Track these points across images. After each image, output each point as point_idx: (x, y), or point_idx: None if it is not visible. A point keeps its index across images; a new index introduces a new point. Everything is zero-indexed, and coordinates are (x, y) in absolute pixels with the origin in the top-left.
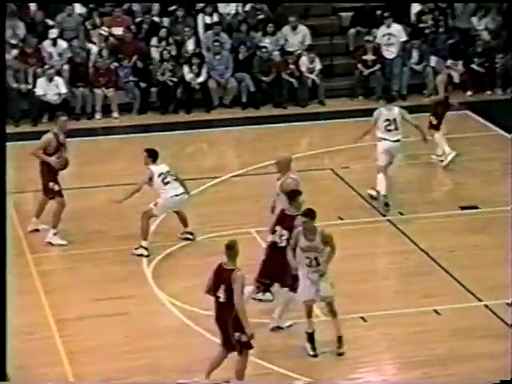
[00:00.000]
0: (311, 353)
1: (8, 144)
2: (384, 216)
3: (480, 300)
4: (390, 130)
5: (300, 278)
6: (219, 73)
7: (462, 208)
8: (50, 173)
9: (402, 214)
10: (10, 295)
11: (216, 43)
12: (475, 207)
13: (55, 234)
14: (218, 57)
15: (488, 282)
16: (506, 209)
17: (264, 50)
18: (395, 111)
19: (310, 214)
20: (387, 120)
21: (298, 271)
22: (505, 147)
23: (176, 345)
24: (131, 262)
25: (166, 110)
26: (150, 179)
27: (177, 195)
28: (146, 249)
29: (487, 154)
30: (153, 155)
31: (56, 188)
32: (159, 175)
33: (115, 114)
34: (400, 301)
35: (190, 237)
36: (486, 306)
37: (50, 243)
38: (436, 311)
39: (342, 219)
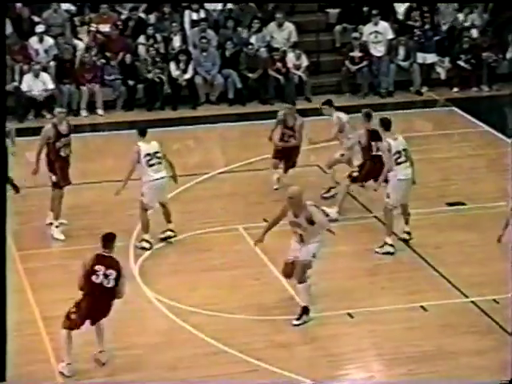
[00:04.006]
0: None
1: None
2: (371, 213)
3: (466, 296)
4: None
5: None
6: (206, 69)
7: (449, 204)
8: (49, 164)
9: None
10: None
11: (203, 40)
12: (462, 203)
13: (57, 226)
14: (204, 53)
15: (475, 278)
16: (492, 205)
17: (250, 46)
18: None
19: None
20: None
21: None
22: (491, 143)
23: (162, 342)
24: (119, 259)
25: (152, 107)
26: (138, 156)
27: (157, 179)
28: (147, 241)
29: (473, 151)
30: (141, 132)
31: (53, 179)
32: (145, 155)
33: (100, 111)
34: (387, 297)
35: (171, 234)
36: (473, 303)
37: (52, 236)
38: (423, 307)
39: (328, 216)
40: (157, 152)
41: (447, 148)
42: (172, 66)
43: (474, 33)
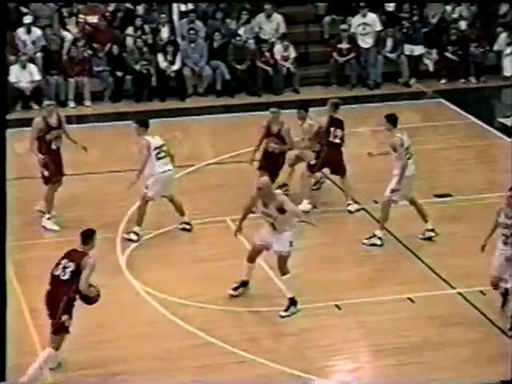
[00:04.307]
0: None
1: None
2: (359, 204)
3: (454, 288)
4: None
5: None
6: (194, 61)
7: (437, 196)
8: (41, 159)
9: (376, 202)
10: None
11: (191, 31)
12: (449, 195)
13: (49, 218)
14: (192, 45)
15: (462, 269)
16: (480, 196)
17: (239, 38)
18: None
19: None
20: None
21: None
22: (478, 135)
23: (150, 334)
24: (106, 251)
25: (140, 98)
26: (148, 149)
27: (166, 171)
28: (136, 234)
29: (461, 142)
30: (145, 124)
31: (45, 174)
32: (155, 149)
33: (87, 103)
34: (374, 289)
35: (187, 227)
36: (460, 294)
37: (44, 227)
38: (410, 299)
39: (315, 207)
40: (163, 145)
41: (435, 140)
42: (160, 57)
43: (462, 25)
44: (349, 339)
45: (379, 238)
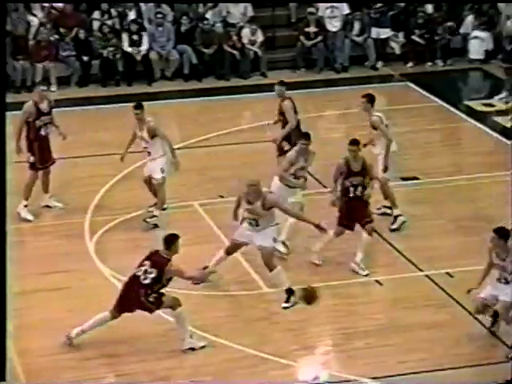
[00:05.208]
0: None
1: None
2: (326, 188)
3: (421, 270)
4: None
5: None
6: (161, 45)
7: (403, 179)
8: (28, 144)
9: None
10: None
11: (158, 15)
12: (416, 178)
13: (25, 205)
14: (160, 28)
15: (429, 252)
16: (446, 179)
17: (206, 21)
18: None
19: None
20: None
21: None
22: (445, 118)
23: (121, 319)
24: (75, 236)
25: (107, 83)
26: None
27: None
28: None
29: (428, 125)
30: (142, 106)
31: (31, 160)
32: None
33: (53, 88)
34: (341, 272)
35: (165, 206)
36: (427, 276)
37: (18, 214)
38: (378, 282)
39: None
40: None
41: (402, 123)
42: (124, 36)
43: (429, 8)
44: (317, 322)
45: (400, 215)
